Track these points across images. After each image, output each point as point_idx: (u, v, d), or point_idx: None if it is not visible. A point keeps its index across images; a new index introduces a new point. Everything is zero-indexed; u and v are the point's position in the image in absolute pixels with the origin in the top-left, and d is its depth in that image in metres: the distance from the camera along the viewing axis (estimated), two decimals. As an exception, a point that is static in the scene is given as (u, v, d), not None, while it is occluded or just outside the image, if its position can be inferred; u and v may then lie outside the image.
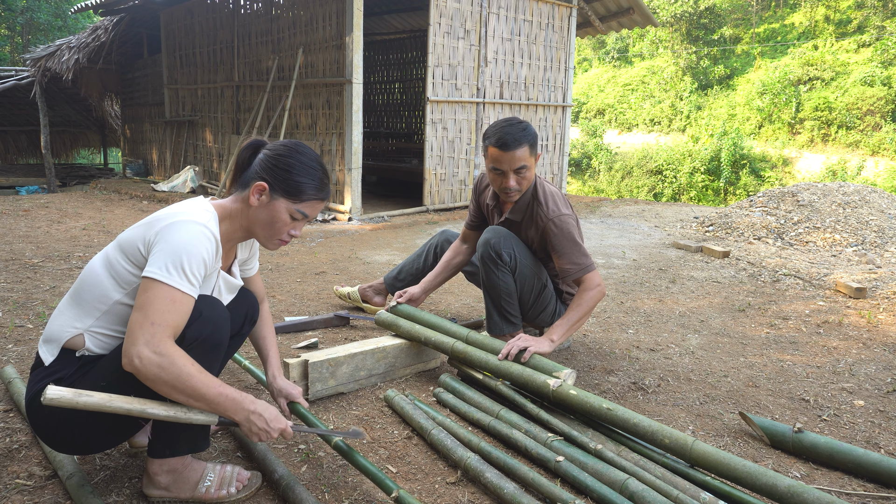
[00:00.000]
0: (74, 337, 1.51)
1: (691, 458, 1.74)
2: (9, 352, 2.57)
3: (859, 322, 3.48)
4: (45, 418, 1.48)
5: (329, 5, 6.89)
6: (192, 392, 1.40)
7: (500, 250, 2.51)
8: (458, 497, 1.71)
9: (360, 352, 2.36)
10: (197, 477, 1.63)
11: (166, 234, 1.45)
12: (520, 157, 2.41)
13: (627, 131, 28.69)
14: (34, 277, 3.79)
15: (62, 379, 1.48)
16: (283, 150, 1.63)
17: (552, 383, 2.01)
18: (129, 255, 1.50)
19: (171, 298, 1.41)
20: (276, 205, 1.60)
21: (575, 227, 2.55)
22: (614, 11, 9.54)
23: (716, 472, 1.70)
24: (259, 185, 1.59)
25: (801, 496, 1.55)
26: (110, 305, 1.51)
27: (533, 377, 2.08)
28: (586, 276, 2.45)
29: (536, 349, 2.22)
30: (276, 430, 1.52)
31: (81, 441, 1.51)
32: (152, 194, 8.42)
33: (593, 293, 2.42)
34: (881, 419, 2.28)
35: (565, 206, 2.58)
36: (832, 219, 5.97)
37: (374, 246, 5.40)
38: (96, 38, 10.00)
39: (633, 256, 5.12)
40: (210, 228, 1.51)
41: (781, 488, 1.59)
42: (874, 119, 21.12)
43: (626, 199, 9.80)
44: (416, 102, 11.53)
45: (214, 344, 1.53)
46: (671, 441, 1.77)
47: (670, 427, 1.84)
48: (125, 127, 12.39)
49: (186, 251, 1.44)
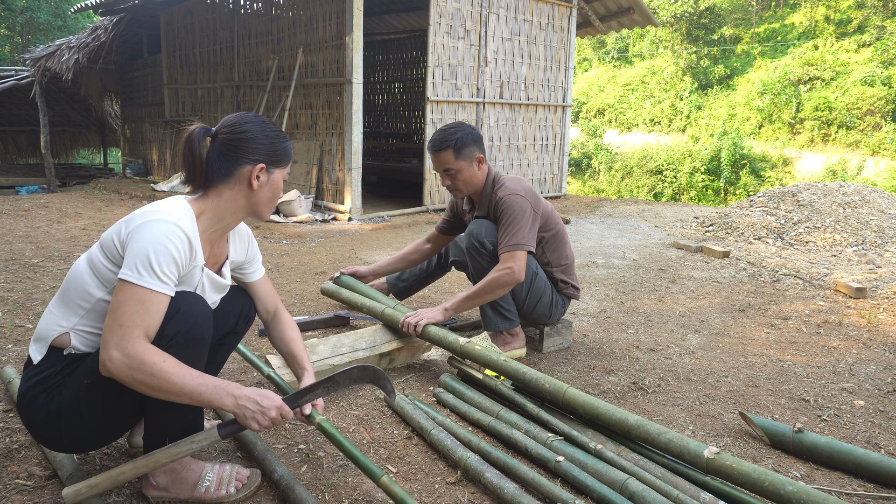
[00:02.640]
0: (61, 335, 1.52)
1: (705, 467, 1.73)
2: (9, 352, 2.57)
3: (859, 322, 3.48)
4: (35, 417, 1.50)
5: (329, 5, 6.88)
6: (170, 387, 1.38)
7: (482, 239, 2.62)
8: (458, 497, 1.71)
9: (336, 335, 2.52)
10: (196, 477, 1.63)
11: (136, 233, 1.45)
12: (443, 161, 2.64)
13: (627, 131, 28.68)
14: (34, 277, 3.79)
15: (49, 377, 1.50)
16: (254, 127, 1.61)
17: (462, 340, 2.32)
18: (108, 252, 1.50)
19: (140, 299, 1.40)
20: (274, 177, 1.66)
21: (522, 207, 2.57)
22: (614, 11, 9.54)
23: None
24: (259, 168, 1.60)
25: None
26: (93, 303, 1.51)
27: (446, 336, 2.39)
28: (505, 255, 2.52)
29: (428, 320, 2.48)
30: (272, 407, 1.47)
31: (70, 440, 1.52)
32: (152, 194, 8.42)
33: (500, 274, 2.50)
34: (881, 419, 2.28)
35: (519, 189, 2.63)
36: (832, 219, 5.96)
37: (374, 246, 5.40)
38: (96, 38, 9.99)
39: (633, 256, 5.12)
40: (181, 226, 1.48)
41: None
42: (874, 119, 21.12)
43: (626, 199, 9.80)
44: (416, 102, 11.52)
45: (195, 339, 1.50)
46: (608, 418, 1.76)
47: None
48: (125, 127, 12.39)
49: (155, 249, 1.42)
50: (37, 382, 1.50)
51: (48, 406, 1.48)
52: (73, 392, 1.47)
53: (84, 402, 1.47)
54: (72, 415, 1.47)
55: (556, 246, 2.76)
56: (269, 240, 5.61)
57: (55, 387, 1.49)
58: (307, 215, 6.83)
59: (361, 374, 1.68)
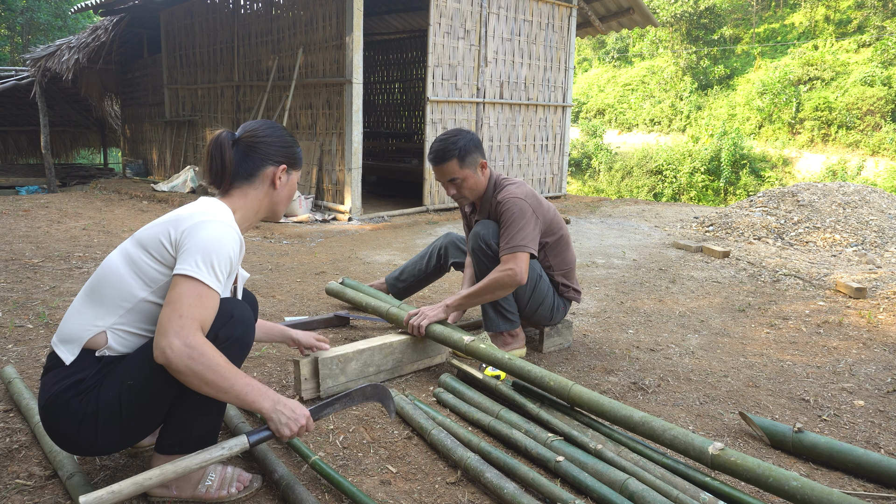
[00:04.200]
0: (96, 336, 1.51)
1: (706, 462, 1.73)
2: (9, 352, 2.56)
3: (859, 322, 3.48)
4: (69, 421, 1.47)
5: (329, 5, 6.89)
6: (222, 381, 1.43)
7: (488, 240, 2.59)
8: (458, 497, 1.71)
9: (368, 348, 2.37)
10: (198, 477, 1.63)
11: (195, 232, 1.50)
12: (447, 171, 2.62)
13: (627, 131, 28.68)
14: (34, 277, 3.79)
15: (84, 380, 1.48)
16: (275, 132, 1.76)
17: (466, 339, 2.30)
18: (156, 253, 1.52)
19: (199, 293, 1.45)
20: (292, 178, 1.79)
21: (524, 211, 2.57)
22: (614, 11, 9.54)
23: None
24: (281, 169, 1.73)
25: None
26: (135, 303, 1.52)
27: (451, 334, 2.37)
28: (507, 256, 2.52)
29: (431, 319, 2.47)
30: (303, 416, 1.55)
31: (105, 442, 1.51)
32: (152, 194, 8.42)
33: (501, 275, 2.50)
34: (881, 419, 2.28)
35: (520, 192, 2.63)
36: (832, 219, 5.97)
37: (374, 246, 5.40)
38: (96, 38, 10.00)
39: (633, 256, 5.11)
40: (234, 228, 1.57)
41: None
42: (874, 119, 21.12)
43: (626, 199, 9.80)
44: (416, 102, 11.52)
45: (243, 345, 1.59)
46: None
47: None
48: (125, 127, 12.39)
49: (215, 250, 1.49)
50: (70, 385, 1.48)
51: (85, 409, 1.46)
52: (115, 393, 1.46)
53: (125, 403, 1.46)
54: (111, 417, 1.46)
55: (560, 250, 2.77)
56: (269, 240, 5.61)
57: (91, 389, 1.47)
58: (307, 215, 6.84)
59: (373, 393, 1.81)
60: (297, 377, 2.20)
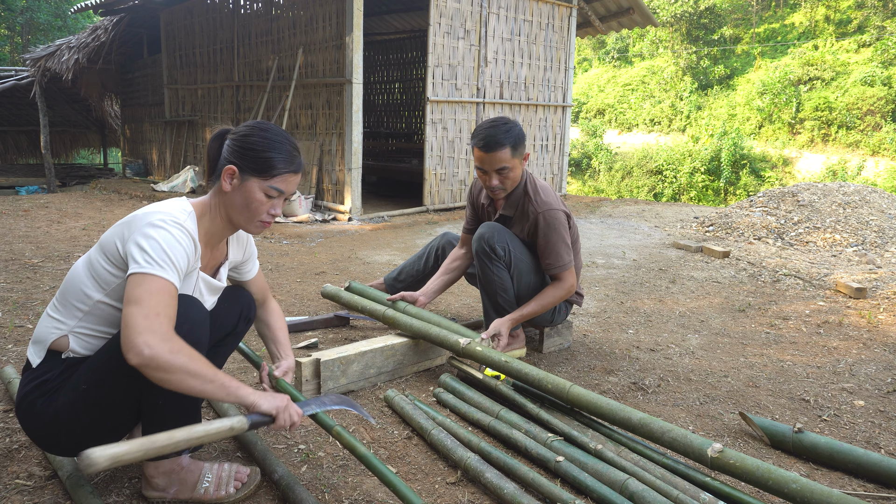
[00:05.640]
0: (59, 338, 1.51)
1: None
2: (9, 352, 2.57)
3: (859, 322, 3.48)
4: (35, 421, 1.50)
5: (329, 5, 6.88)
6: (208, 370, 1.38)
7: (493, 244, 2.55)
8: (458, 497, 1.71)
9: (370, 350, 2.37)
10: (195, 478, 1.63)
11: (146, 232, 1.45)
12: (500, 159, 2.49)
13: (627, 131, 28.68)
14: (34, 277, 3.79)
15: (48, 381, 1.49)
16: (246, 131, 1.61)
17: (463, 342, 2.29)
18: (109, 254, 1.50)
19: (167, 290, 1.41)
20: (248, 185, 1.58)
21: (563, 223, 2.59)
22: (614, 11, 9.54)
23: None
24: (229, 169, 1.58)
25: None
26: (91, 306, 1.51)
27: (448, 337, 2.35)
28: (563, 274, 2.57)
29: (505, 345, 2.50)
30: (297, 412, 1.53)
31: (69, 444, 1.51)
32: (152, 194, 8.42)
33: (562, 293, 2.57)
34: (881, 419, 2.28)
35: (556, 202, 2.62)
36: (832, 219, 5.96)
37: (374, 246, 5.40)
38: (96, 38, 9.99)
39: (633, 256, 5.11)
40: (186, 227, 1.50)
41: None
42: (874, 119, 21.11)
43: (626, 199, 9.80)
44: (416, 102, 11.52)
45: (191, 342, 1.48)
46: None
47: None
48: (125, 127, 12.39)
49: (169, 246, 1.44)
50: (35, 387, 1.49)
51: (47, 410, 1.47)
52: (71, 397, 1.46)
53: (82, 406, 1.46)
54: (70, 419, 1.47)
55: (572, 255, 2.77)
56: (269, 240, 5.61)
57: (54, 391, 1.49)
58: (307, 215, 6.83)
59: (339, 400, 1.74)
60: (298, 378, 2.20)
